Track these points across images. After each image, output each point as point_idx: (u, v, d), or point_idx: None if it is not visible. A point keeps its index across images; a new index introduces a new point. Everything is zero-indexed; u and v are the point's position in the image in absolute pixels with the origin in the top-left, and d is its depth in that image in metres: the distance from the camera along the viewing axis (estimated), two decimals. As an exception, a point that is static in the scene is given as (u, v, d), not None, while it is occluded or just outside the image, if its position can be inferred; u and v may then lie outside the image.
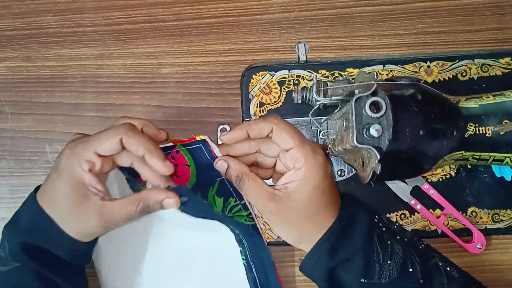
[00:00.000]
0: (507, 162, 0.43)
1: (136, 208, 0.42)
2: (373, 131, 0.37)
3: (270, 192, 0.42)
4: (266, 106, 0.54)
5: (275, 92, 0.54)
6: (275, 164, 0.46)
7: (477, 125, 0.41)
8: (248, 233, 0.48)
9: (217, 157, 0.45)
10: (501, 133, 0.41)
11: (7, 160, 0.54)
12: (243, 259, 0.50)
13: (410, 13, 0.55)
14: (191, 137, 0.46)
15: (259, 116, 0.53)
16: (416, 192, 0.52)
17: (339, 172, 0.52)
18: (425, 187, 0.52)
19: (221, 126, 0.54)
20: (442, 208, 0.52)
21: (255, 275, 0.49)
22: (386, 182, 0.52)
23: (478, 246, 0.51)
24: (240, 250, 0.50)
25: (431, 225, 0.52)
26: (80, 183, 0.41)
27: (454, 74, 0.53)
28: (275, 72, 0.54)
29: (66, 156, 0.41)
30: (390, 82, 0.42)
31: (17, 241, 0.42)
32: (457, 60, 0.53)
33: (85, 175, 0.41)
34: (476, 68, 0.53)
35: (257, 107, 0.53)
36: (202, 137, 0.45)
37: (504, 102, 0.42)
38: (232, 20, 0.56)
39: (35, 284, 0.42)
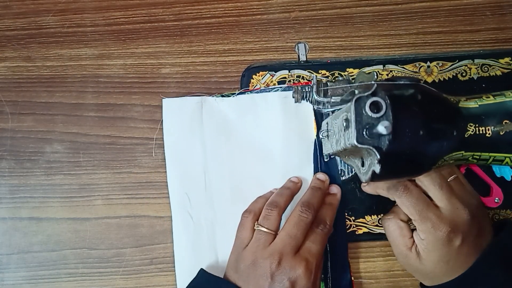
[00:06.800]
0: (507, 162, 0.43)
1: None
2: (382, 128, 0.37)
3: (408, 246, 0.46)
4: (266, 106, 0.53)
5: (275, 92, 0.53)
6: None
7: (477, 125, 0.41)
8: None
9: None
10: (501, 133, 0.41)
11: (7, 160, 0.54)
12: None
13: (410, 13, 0.55)
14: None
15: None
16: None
17: (339, 172, 0.52)
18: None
19: (221, 126, 0.54)
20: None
21: None
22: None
23: (496, 200, 0.51)
24: None
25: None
26: None
27: (454, 74, 0.53)
28: (275, 72, 0.54)
29: None
30: (390, 82, 0.42)
31: None
32: (457, 60, 0.53)
33: None
34: (476, 68, 0.53)
35: (257, 107, 0.53)
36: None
37: (504, 102, 0.42)
38: (232, 20, 0.56)
39: None
